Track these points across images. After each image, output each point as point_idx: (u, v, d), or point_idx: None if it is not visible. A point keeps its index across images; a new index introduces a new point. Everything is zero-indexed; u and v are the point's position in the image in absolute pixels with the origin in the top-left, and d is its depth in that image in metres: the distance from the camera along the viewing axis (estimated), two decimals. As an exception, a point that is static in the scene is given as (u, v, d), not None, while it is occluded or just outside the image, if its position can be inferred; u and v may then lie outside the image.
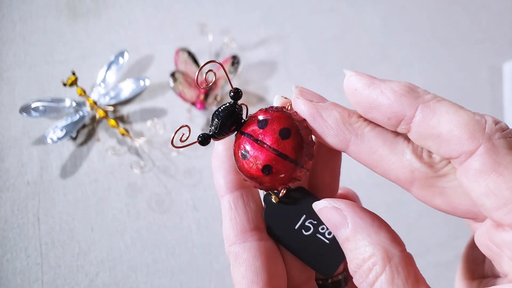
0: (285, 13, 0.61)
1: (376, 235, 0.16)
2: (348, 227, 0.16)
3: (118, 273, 0.42)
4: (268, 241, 0.19)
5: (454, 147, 0.15)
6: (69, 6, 0.60)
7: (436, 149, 0.15)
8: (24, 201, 0.45)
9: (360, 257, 0.15)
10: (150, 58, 0.56)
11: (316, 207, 0.17)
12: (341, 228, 0.16)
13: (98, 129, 0.50)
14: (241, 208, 0.19)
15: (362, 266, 0.15)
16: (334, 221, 0.16)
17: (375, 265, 0.15)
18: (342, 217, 0.16)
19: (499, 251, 0.15)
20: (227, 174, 0.20)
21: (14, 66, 0.54)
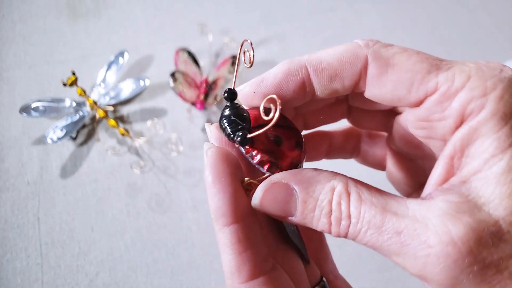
0: (285, 13, 0.61)
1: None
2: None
3: (118, 273, 0.42)
4: (279, 270, 0.17)
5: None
6: (69, 6, 0.60)
7: None
8: (24, 201, 0.45)
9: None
10: (150, 58, 0.56)
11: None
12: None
13: (98, 129, 0.50)
14: (253, 239, 0.16)
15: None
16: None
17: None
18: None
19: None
20: (234, 197, 0.16)
21: (14, 66, 0.54)
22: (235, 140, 0.17)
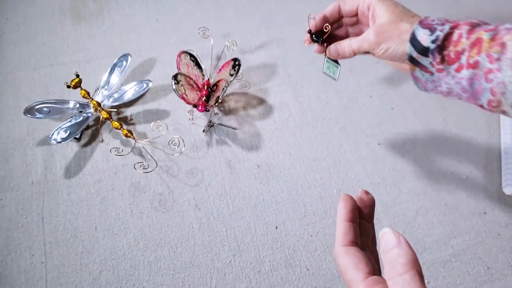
0: (284, 17, 0.62)
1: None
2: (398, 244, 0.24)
3: (121, 271, 0.42)
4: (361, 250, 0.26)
5: None
6: (73, 9, 0.61)
7: None
8: (29, 201, 0.46)
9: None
10: (153, 61, 0.57)
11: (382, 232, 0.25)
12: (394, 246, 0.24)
13: (102, 130, 0.51)
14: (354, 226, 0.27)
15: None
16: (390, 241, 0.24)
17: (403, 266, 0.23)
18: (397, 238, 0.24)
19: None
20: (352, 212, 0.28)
21: (18, 68, 0.55)
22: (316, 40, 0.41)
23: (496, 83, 0.30)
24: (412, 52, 0.34)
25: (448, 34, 0.32)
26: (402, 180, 0.49)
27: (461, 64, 0.32)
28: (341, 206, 0.27)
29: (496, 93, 0.31)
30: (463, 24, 0.32)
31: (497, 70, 0.30)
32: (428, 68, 0.34)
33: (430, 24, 0.33)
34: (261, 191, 0.47)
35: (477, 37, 0.31)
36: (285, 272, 0.43)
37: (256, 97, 0.54)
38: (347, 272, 0.24)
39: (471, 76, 0.31)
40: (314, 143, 0.51)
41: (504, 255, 0.45)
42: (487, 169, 0.50)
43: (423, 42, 0.33)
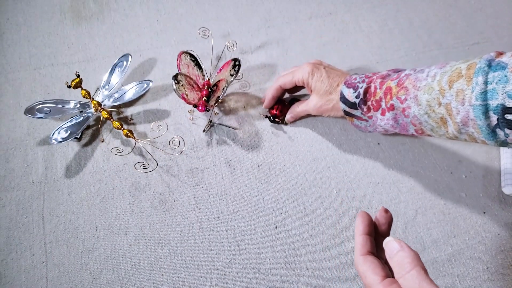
0: (284, 17, 0.62)
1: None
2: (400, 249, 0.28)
3: (121, 271, 0.42)
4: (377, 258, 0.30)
5: None
6: (73, 9, 0.61)
7: None
8: (29, 201, 0.46)
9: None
10: (153, 61, 0.57)
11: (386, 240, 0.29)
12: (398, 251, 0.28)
13: (102, 130, 0.51)
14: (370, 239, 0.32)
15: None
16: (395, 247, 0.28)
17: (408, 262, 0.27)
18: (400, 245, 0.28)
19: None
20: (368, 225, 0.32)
21: (19, 68, 0.55)
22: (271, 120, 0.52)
23: (412, 117, 0.38)
24: (345, 108, 0.43)
25: (367, 88, 0.41)
26: (401, 180, 0.49)
27: (383, 108, 0.40)
28: (358, 221, 0.31)
29: (416, 124, 0.39)
30: (376, 78, 0.42)
31: (408, 108, 0.38)
32: (362, 117, 0.43)
33: (353, 83, 0.43)
34: (261, 191, 0.47)
35: (387, 86, 0.40)
36: (285, 271, 0.43)
37: (256, 97, 0.54)
38: (367, 277, 0.27)
39: (394, 116, 0.40)
40: (314, 142, 0.51)
41: (504, 255, 0.45)
42: (487, 168, 0.50)
43: (350, 99, 0.42)
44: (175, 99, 0.53)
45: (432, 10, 0.64)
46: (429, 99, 0.36)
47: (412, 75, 0.38)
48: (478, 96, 0.32)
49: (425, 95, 0.36)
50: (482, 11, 0.65)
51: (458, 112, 0.34)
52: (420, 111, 0.37)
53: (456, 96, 0.33)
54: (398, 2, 0.64)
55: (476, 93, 0.32)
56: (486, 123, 0.32)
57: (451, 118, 0.35)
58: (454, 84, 0.34)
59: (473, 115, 0.33)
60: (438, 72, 0.36)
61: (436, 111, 0.36)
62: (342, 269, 0.44)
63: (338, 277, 0.43)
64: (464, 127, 0.34)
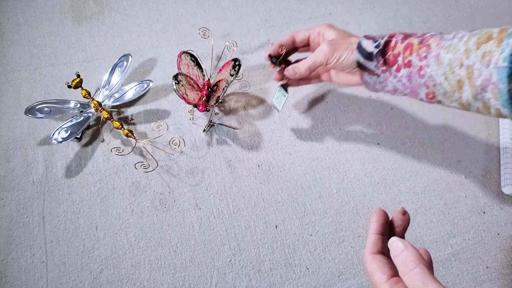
0: (284, 18, 0.62)
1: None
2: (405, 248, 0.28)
3: (121, 270, 0.43)
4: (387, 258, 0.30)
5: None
6: (74, 9, 0.61)
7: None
8: (29, 200, 0.46)
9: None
10: (153, 61, 0.57)
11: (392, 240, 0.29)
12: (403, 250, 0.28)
13: (103, 130, 0.51)
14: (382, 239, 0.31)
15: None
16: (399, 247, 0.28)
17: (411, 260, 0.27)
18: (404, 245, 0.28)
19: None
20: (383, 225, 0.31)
21: (19, 68, 0.55)
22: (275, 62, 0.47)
23: (428, 77, 0.37)
24: (360, 58, 0.41)
25: (387, 41, 0.40)
26: (401, 180, 0.49)
27: (399, 64, 0.38)
28: (373, 219, 0.31)
29: (429, 85, 0.37)
30: (399, 34, 0.40)
31: (426, 66, 0.36)
32: (374, 71, 0.41)
33: (373, 36, 0.41)
34: (261, 191, 0.47)
35: (409, 42, 0.38)
36: (285, 271, 0.43)
37: (256, 97, 0.54)
38: (374, 275, 0.28)
39: (408, 74, 0.38)
40: (314, 142, 0.51)
41: (503, 254, 0.45)
42: (486, 168, 0.50)
43: (367, 48, 0.40)
44: (175, 99, 0.53)
45: (432, 10, 0.64)
46: (451, 59, 0.34)
47: (437, 36, 0.37)
48: (507, 57, 0.31)
49: (449, 54, 0.35)
50: (482, 11, 0.65)
51: (480, 75, 0.33)
52: (438, 71, 0.35)
53: (482, 57, 0.32)
54: (398, 2, 0.65)
55: (505, 55, 0.31)
56: (508, 88, 0.31)
57: (470, 81, 0.34)
58: (482, 45, 0.33)
59: (497, 77, 0.32)
60: (466, 34, 0.35)
61: (456, 72, 0.34)
62: (342, 268, 0.44)
63: (338, 276, 0.43)
64: (482, 93, 0.33)
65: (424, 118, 0.54)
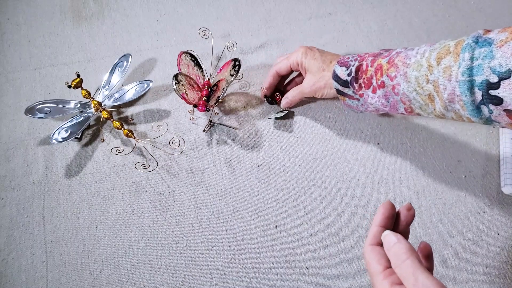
0: (284, 17, 0.62)
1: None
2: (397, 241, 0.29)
3: (121, 270, 0.43)
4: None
5: None
6: (74, 9, 0.61)
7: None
8: (29, 200, 0.46)
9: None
10: (153, 61, 0.57)
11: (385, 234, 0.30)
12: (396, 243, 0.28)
13: (103, 130, 0.51)
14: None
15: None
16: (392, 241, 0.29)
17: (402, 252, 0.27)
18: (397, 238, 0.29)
19: None
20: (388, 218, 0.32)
21: (19, 68, 0.55)
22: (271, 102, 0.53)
23: (402, 94, 0.39)
24: (338, 86, 0.44)
25: (358, 66, 0.42)
26: (401, 179, 0.49)
27: (374, 86, 0.41)
28: (379, 212, 0.31)
29: (405, 101, 0.39)
30: (368, 57, 0.43)
31: (397, 85, 0.39)
32: (353, 96, 0.44)
33: (345, 62, 0.44)
34: (261, 191, 0.48)
35: (378, 63, 0.41)
36: (284, 271, 0.43)
37: (256, 97, 0.55)
38: (370, 265, 0.29)
39: (384, 94, 0.41)
40: (314, 142, 0.51)
41: (503, 254, 0.45)
42: (486, 168, 0.50)
43: (342, 77, 0.43)
44: (175, 99, 0.53)
45: (432, 10, 0.64)
46: (417, 76, 0.36)
47: (402, 53, 0.39)
48: (464, 72, 0.32)
49: (414, 72, 0.37)
50: (481, 11, 0.65)
51: (445, 89, 0.34)
52: (409, 88, 0.38)
53: (443, 72, 0.34)
54: (398, 2, 0.65)
55: (462, 69, 0.33)
56: (471, 99, 0.33)
57: (438, 95, 0.36)
58: (442, 60, 0.35)
59: (459, 91, 0.33)
60: (427, 49, 0.37)
61: (424, 88, 0.36)
62: (341, 268, 0.44)
63: (338, 276, 0.43)
64: (451, 104, 0.35)
65: (424, 118, 0.54)
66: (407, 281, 0.25)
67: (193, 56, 0.52)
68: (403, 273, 0.26)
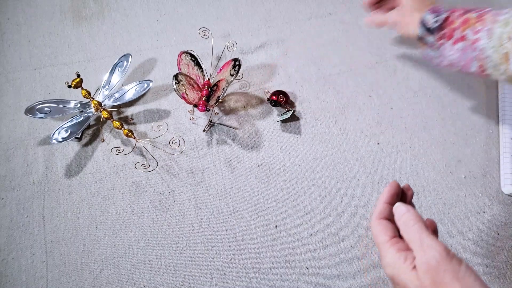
0: (284, 17, 0.62)
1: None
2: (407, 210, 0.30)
3: (121, 270, 0.43)
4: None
5: None
6: (74, 9, 0.61)
7: None
8: (30, 200, 0.46)
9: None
10: (153, 61, 0.57)
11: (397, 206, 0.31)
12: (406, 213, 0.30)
13: (103, 130, 0.51)
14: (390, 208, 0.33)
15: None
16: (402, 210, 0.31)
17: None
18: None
19: None
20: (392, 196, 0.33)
21: (19, 68, 0.55)
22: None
23: (479, 50, 0.40)
24: (421, 33, 0.45)
25: (447, 17, 0.43)
26: (401, 180, 0.49)
27: (456, 38, 0.42)
28: (386, 189, 0.33)
29: (481, 58, 0.41)
30: (459, 10, 0.43)
31: (478, 40, 0.40)
32: (433, 45, 0.45)
33: (437, 9, 0.45)
34: (261, 190, 0.48)
35: (466, 17, 0.42)
36: (284, 270, 0.43)
37: (256, 97, 0.55)
38: (377, 236, 0.30)
39: (463, 47, 0.42)
40: (314, 142, 0.51)
41: (503, 254, 0.45)
42: (486, 168, 0.50)
43: (428, 24, 0.45)
44: (176, 99, 0.53)
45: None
46: (502, 32, 0.38)
47: (494, 11, 0.41)
48: None
49: (500, 28, 0.38)
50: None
51: None
52: (489, 44, 0.39)
53: None
54: (398, 2, 0.65)
55: None
56: None
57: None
58: None
59: None
60: None
61: (504, 45, 0.38)
62: (341, 268, 0.44)
63: (338, 276, 0.43)
64: None
65: (424, 118, 0.54)
66: (414, 244, 0.28)
67: (193, 56, 0.52)
68: (410, 238, 0.28)
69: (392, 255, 0.28)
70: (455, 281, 0.25)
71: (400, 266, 0.28)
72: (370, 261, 0.44)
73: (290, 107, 0.53)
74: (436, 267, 0.26)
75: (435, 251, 0.26)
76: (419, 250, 0.27)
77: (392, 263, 0.28)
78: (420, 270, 0.26)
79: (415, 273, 0.27)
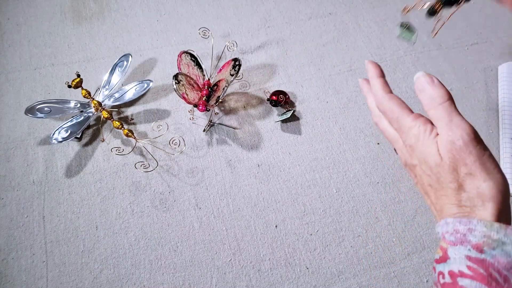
0: (284, 17, 0.62)
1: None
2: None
3: (121, 270, 0.43)
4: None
5: None
6: (74, 9, 0.61)
7: None
8: (30, 200, 0.46)
9: None
10: (154, 61, 0.57)
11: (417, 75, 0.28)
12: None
13: (103, 130, 0.51)
14: None
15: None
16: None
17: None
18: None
19: None
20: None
21: (19, 68, 0.55)
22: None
23: None
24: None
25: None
26: (401, 179, 0.49)
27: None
28: (370, 66, 0.31)
29: None
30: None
31: None
32: None
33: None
34: (261, 190, 0.48)
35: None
36: (284, 270, 0.43)
37: (256, 97, 0.55)
38: (394, 111, 0.28)
39: None
40: (314, 142, 0.51)
41: (503, 254, 0.45)
42: (486, 168, 0.50)
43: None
44: (176, 99, 0.53)
45: (432, 10, 0.64)
46: None
47: None
48: None
49: None
50: (481, 11, 0.65)
51: None
52: None
53: None
54: (398, 2, 0.65)
55: None
56: None
57: None
58: None
59: None
60: None
61: None
62: (341, 268, 0.44)
63: (338, 276, 0.43)
64: None
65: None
66: (441, 121, 0.26)
67: (193, 56, 0.52)
68: (438, 115, 0.26)
69: (418, 126, 0.26)
70: (479, 164, 0.24)
71: (424, 138, 0.26)
72: (370, 261, 0.44)
73: (290, 107, 0.53)
74: (461, 147, 0.25)
75: (463, 131, 0.25)
76: (446, 128, 0.25)
77: (417, 133, 0.27)
78: (443, 147, 0.25)
79: (437, 148, 0.25)
